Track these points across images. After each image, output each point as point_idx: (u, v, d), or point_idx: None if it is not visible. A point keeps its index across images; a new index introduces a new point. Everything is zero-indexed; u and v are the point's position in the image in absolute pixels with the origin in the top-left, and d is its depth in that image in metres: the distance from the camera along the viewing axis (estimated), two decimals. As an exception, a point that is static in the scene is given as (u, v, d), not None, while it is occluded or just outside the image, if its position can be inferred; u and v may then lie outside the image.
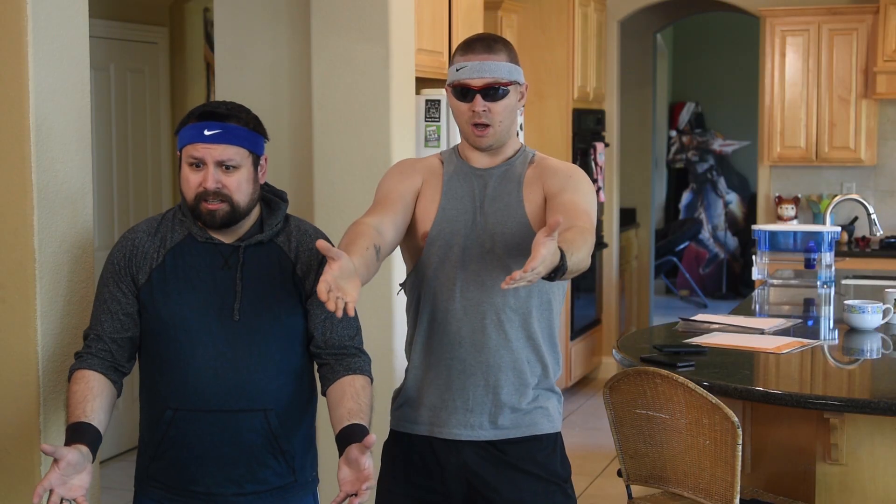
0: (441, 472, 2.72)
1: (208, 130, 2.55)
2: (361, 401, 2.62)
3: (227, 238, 2.64)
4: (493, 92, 2.62)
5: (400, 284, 2.82)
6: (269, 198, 2.72)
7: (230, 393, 2.58)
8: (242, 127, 2.59)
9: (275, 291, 2.64)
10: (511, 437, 2.70)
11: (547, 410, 2.73)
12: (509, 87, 2.65)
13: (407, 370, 2.80)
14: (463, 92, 2.64)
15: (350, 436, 2.51)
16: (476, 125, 2.65)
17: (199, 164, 2.56)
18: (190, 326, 2.58)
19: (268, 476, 2.64)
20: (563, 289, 2.76)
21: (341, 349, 2.69)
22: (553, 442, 2.75)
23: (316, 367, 2.75)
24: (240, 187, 2.58)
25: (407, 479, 2.76)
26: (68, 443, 2.47)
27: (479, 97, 2.62)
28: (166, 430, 2.60)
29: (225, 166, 2.56)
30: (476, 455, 2.70)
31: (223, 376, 2.57)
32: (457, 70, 2.64)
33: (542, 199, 2.68)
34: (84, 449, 2.44)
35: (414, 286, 2.76)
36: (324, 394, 2.71)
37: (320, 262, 2.67)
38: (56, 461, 2.37)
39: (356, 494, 2.42)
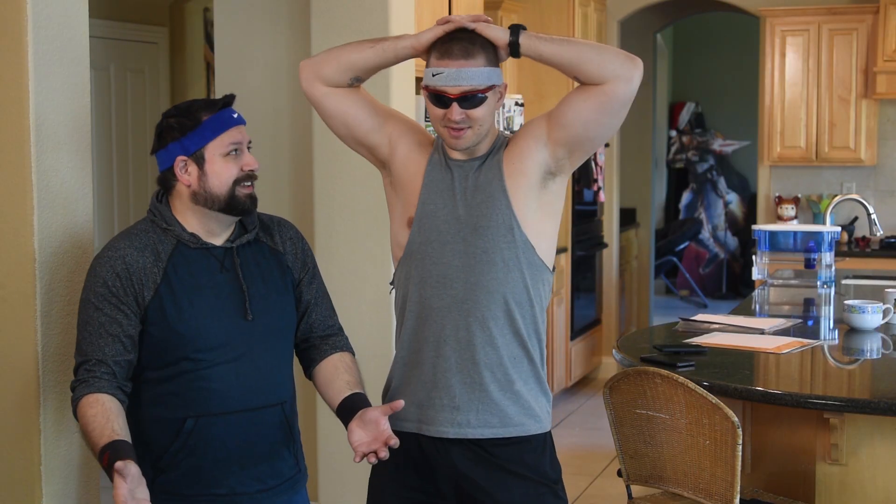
0: (431, 472, 2.72)
1: (234, 114, 2.63)
2: (356, 374, 2.72)
3: (216, 241, 2.65)
4: (470, 99, 2.58)
5: (391, 283, 2.83)
6: None
7: (252, 392, 2.61)
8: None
9: (276, 285, 2.69)
10: (499, 436, 2.68)
11: (534, 411, 2.72)
12: (487, 93, 2.60)
13: (393, 366, 2.80)
14: (439, 98, 2.60)
15: (357, 403, 2.60)
16: (451, 128, 2.62)
17: (237, 149, 2.61)
18: (207, 333, 2.57)
19: (283, 468, 2.69)
20: (548, 285, 2.75)
21: (326, 329, 2.78)
22: (542, 443, 2.74)
23: (297, 352, 2.81)
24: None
25: (398, 479, 2.76)
26: (113, 458, 2.39)
27: (455, 105, 2.58)
28: (186, 439, 2.58)
29: (248, 148, 2.66)
30: (464, 457, 2.69)
31: (244, 376, 2.60)
32: (433, 75, 2.59)
33: (527, 176, 2.65)
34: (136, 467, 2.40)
35: (400, 283, 2.76)
36: (309, 376, 2.78)
37: (302, 248, 2.77)
38: (122, 476, 2.33)
39: (375, 453, 2.51)
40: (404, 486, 2.75)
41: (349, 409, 2.60)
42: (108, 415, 2.48)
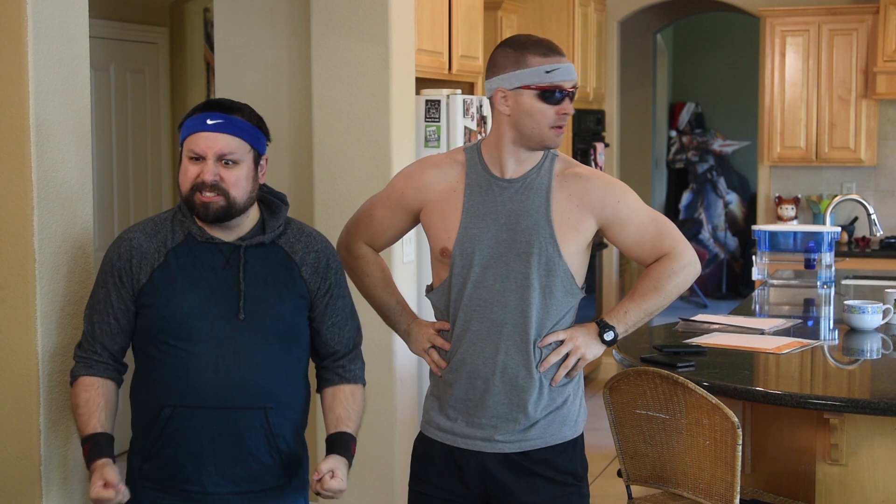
0: (460, 473, 2.74)
1: (211, 120, 2.56)
2: (349, 406, 2.73)
3: (227, 237, 2.64)
4: (573, 94, 2.67)
5: (427, 296, 2.85)
6: (270, 200, 2.72)
7: (231, 390, 2.58)
8: (246, 121, 2.60)
9: (279, 291, 2.65)
10: (535, 447, 2.71)
11: (567, 417, 2.74)
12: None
13: (437, 378, 2.82)
14: (556, 94, 2.63)
15: (334, 444, 2.68)
16: (559, 127, 2.65)
17: (199, 158, 2.56)
18: (192, 325, 2.58)
19: (264, 475, 2.65)
20: (577, 308, 2.77)
21: (336, 348, 2.76)
22: (574, 444, 2.76)
23: (314, 366, 2.80)
24: (238, 183, 2.58)
25: (430, 480, 2.79)
26: (93, 454, 2.55)
27: (567, 99, 2.64)
28: (163, 427, 2.59)
29: (225, 161, 2.56)
30: (497, 462, 2.72)
31: (224, 373, 2.58)
32: (547, 72, 2.62)
33: (574, 215, 2.67)
34: (111, 462, 2.57)
35: (440, 300, 2.78)
36: (318, 391, 2.79)
37: (327, 264, 2.72)
38: (97, 472, 2.52)
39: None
40: (433, 485, 2.78)
41: (329, 446, 2.69)
42: (97, 402, 2.61)
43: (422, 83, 5.11)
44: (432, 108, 5.00)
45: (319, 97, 4.64)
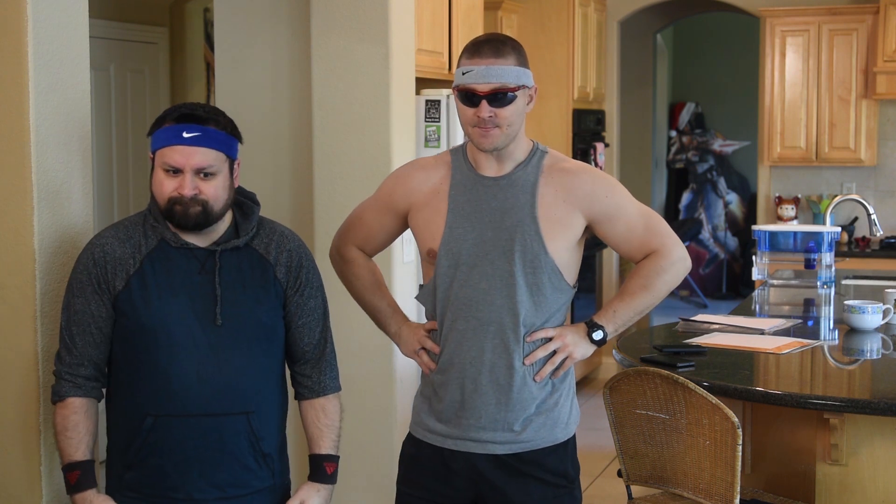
0: (450, 475, 2.73)
1: (187, 133, 2.54)
2: (322, 424, 2.77)
3: (201, 242, 2.62)
4: (500, 97, 2.58)
5: (416, 297, 2.85)
6: (241, 201, 2.71)
7: (214, 397, 2.58)
8: (221, 131, 2.58)
9: (255, 294, 2.64)
10: (526, 450, 2.70)
11: (561, 421, 2.73)
12: (517, 92, 2.61)
13: (426, 378, 2.82)
14: (469, 97, 2.60)
15: (310, 469, 2.76)
16: (480, 127, 2.61)
17: (175, 170, 2.55)
18: (172, 332, 2.56)
19: (249, 479, 2.65)
20: (569, 301, 2.77)
21: (313, 359, 2.77)
22: (565, 447, 2.75)
23: (289, 371, 2.81)
24: (217, 194, 2.57)
25: (418, 482, 2.78)
26: (82, 483, 2.59)
27: (485, 102, 2.58)
28: (146, 437, 2.58)
29: (203, 173, 2.55)
30: (487, 463, 2.71)
31: (206, 380, 2.57)
32: (462, 74, 2.61)
33: (561, 211, 2.66)
34: (110, 499, 2.62)
35: (428, 300, 2.77)
36: (296, 398, 2.82)
37: (299, 262, 2.72)
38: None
39: None
40: (423, 487, 2.77)
41: (310, 467, 2.77)
42: (87, 426, 2.61)
43: (422, 83, 5.11)
44: (432, 108, 5.00)
45: (319, 97, 4.64)
